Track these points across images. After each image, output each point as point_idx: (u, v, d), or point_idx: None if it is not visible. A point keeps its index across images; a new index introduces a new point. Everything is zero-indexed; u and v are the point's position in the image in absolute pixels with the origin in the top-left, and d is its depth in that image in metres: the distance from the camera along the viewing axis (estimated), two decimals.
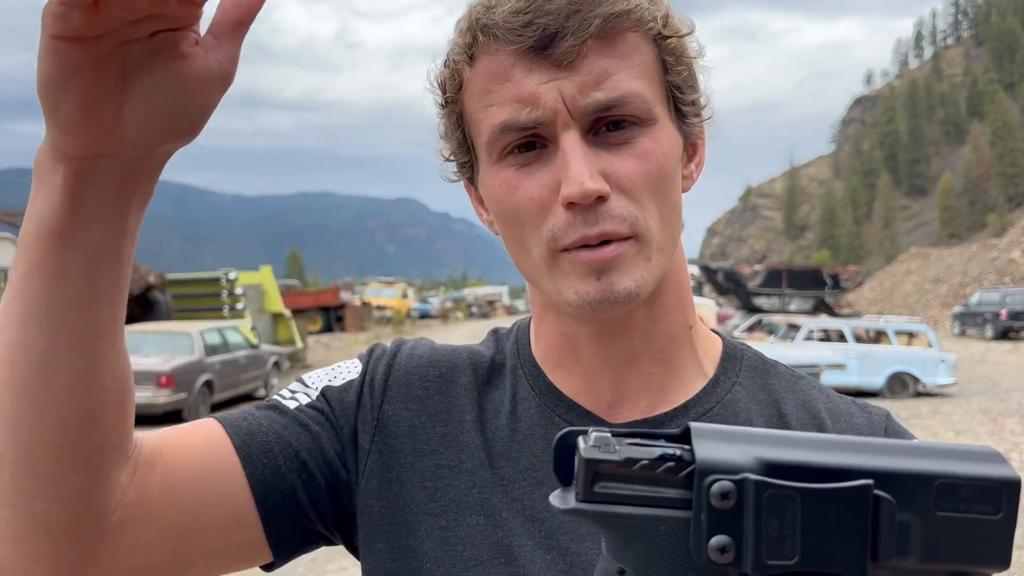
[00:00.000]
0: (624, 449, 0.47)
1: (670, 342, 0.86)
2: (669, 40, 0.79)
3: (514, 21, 0.74)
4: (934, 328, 25.83)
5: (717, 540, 0.44)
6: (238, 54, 0.61)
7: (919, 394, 16.09)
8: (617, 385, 0.85)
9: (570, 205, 0.75)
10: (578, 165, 0.74)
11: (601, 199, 0.74)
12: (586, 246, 0.76)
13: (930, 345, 16.69)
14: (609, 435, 0.47)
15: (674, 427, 0.84)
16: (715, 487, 0.44)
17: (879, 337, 17.55)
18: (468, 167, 0.85)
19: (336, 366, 0.91)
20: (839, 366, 15.23)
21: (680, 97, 0.81)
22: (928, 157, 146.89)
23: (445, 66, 0.82)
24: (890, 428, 0.86)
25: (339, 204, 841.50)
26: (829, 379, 14.11)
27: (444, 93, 0.82)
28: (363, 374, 0.88)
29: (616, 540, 0.47)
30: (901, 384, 16.12)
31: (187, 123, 0.61)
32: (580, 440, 0.48)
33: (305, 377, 0.91)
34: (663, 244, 0.79)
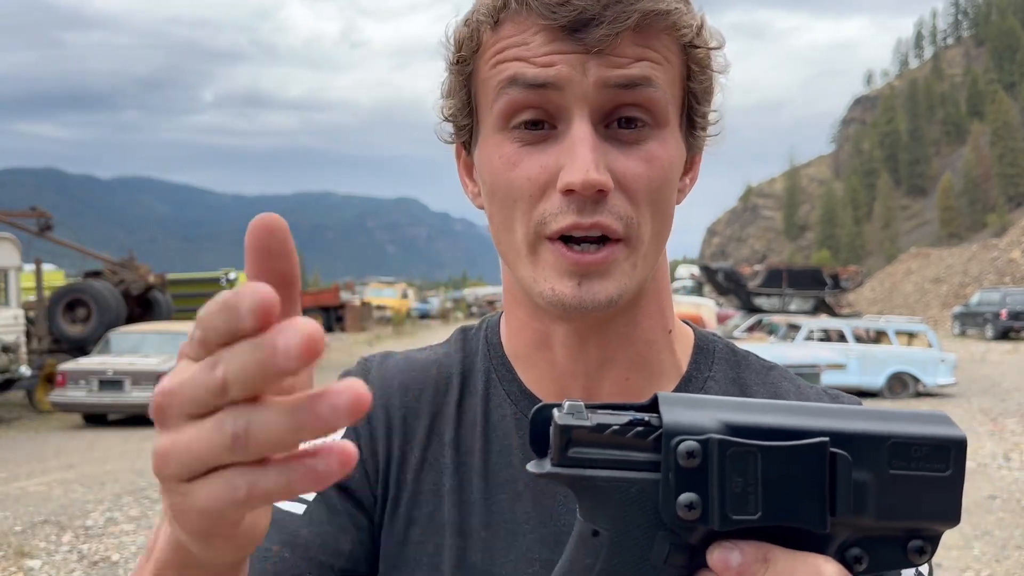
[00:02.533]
0: (596, 416, 0.49)
1: (648, 347, 0.84)
2: (698, 50, 0.78)
3: None
4: (934, 328, 25.82)
5: (684, 497, 0.46)
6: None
7: (919, 394, 16.08)
8: (590, 390, 0.83)
9: (568, 192, 0.72)
10: (585, 153, 0.71)
11: (602, 193, 0.72)
12: (570, 242, 0.74)
13: (930, 345, 16.68)
14: (582, 404, 0.49)
15: None
16: (681, 447, 0.46)
17: (879, 337, 17.54)
18: (466, 131, 0.82)
19: None
20: (839, 366, 15.23)
21: (696, 107, 0.80)
22: (928, 157, 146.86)
23: (465, 24, 0.78)
24: None
25: (339, 204, 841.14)
26: (829, 379, 14.10)
27: (459, 51, 0.79)
28: (350, 428, 0.84)
29: (590, 503, 0.49)
30: (901, 384, 16.11)
31: None
32: (555, 410, 0.50)
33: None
34: (650, 252, 0.77)
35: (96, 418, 14.18)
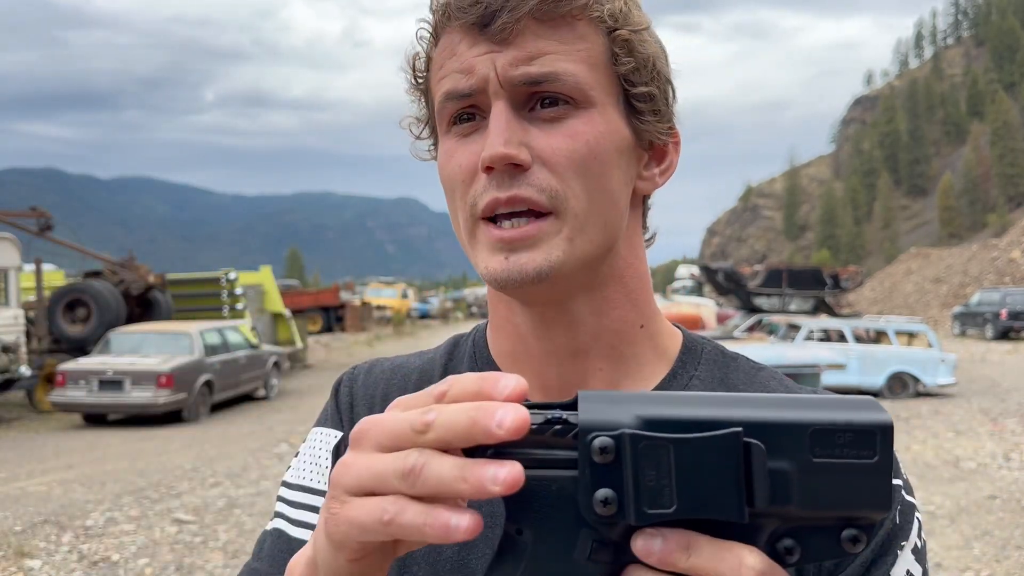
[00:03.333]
0: None
1: (619, 339, 0.85)
2: (619, 32, 0.79)
3: (464, 0, 0.77)
4: (934, 328, 25.82)
5: (600, 493, 0.46)
6: None
7: (919, 394, 16.08)
8: (564, 379, 0.85)
9: (488, 169, 0.75)
10: (498, 131, 0.75)
11: (519, 167, 0.75)
12: (500, 220, 0.76)
13: (930, 345, 16.67)
14: None
15: None
16: (595, 443, 0.46)
17: (879, 337, 17.53)
18: (435, 145, 0.86)
19: (310, 443, 0.90)
20: (839, 366, 15.23)
21: (630, 89, 0.80)
22: (928, 157, 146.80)
23: (418, 43, 0.84)
24: None
25: (339, 204, 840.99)
26: (829, 379, 14.11)
27: (415, 73, 0.85)
28: (344, 437, 0.87)
29: (513, 502, 0.49)
30: (901, 384, 16.10)
31: None
32: None
33: (290, 478, 0.89)
34: (587, 225, 0.78)
35: (96, 418, 14.18)
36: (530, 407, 0.50)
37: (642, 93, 0.81)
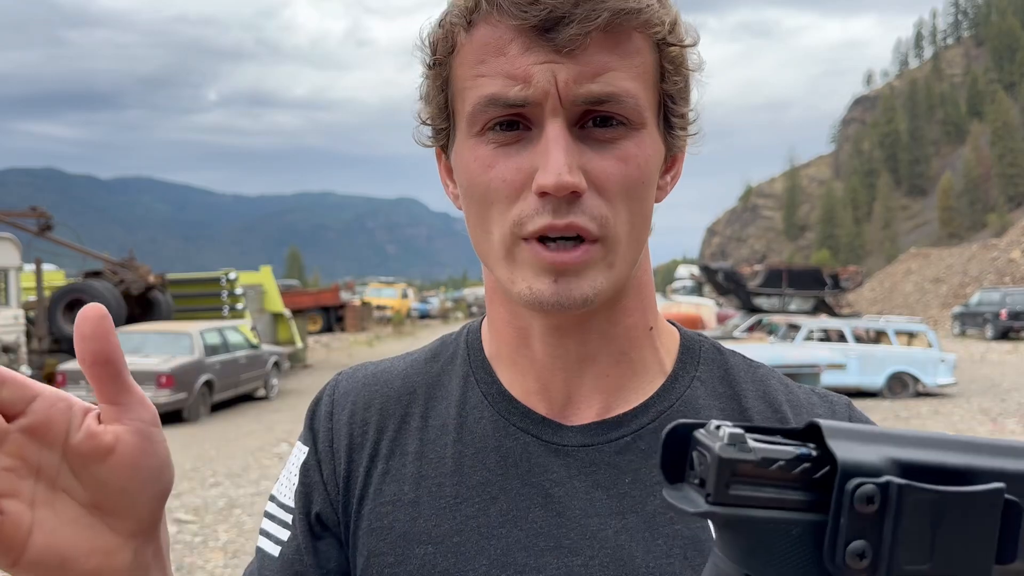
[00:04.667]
0: (758, 448, 0.45)
1: (630, 345, 0.84)
2: (672, 48, 0.77)
3: None
4: (934, 328, 25.81)
5: (856, 545, 0.43)
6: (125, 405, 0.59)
7: (919, 394, 16.08)
8: (570, 386, 0.83)
9: (543, 194, 0.72)
10: (559, 156, 0.71)
11: (575, 194, 0.72)
12: (547, 241, 0.74)
13: (930, 345, 16.68)
14: (741, 431, 0.46)
15: (632, 427, 0.82)
16: (860, 491, 0.43)
17: (879, 337, 17.54)
18: (444, 134, 0.82)
19: (291, 456, 0.91)
20: (839, 366, 15.22)
21: (672, 108, 0.79)
22: (928, 157, 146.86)
23: (440, 26, 0.78)
24: (854, 417, 0.84)
25: (339, 204, 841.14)
26: (829, 379, 14.10)
27: (434, 54, 0.79)
28: (311, 452, 0.88)
29: (742, 544, 0.46)
30: (901, 384, 16.11)
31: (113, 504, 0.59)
32: (705, 436, 0.46)
33: (275, 492, 0.90)
34: (628, 252, 0.77)
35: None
36: (756, 431, 0.46)
37: (682, 112, 0.79)
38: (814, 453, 0.45)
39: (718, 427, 0.46)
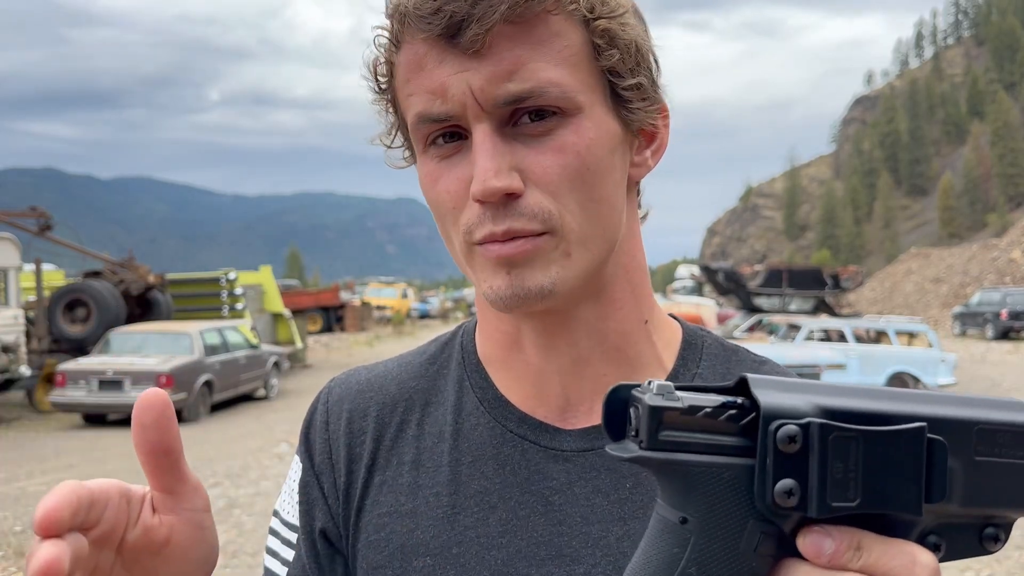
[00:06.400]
0: (686, 397, 0.47)
1: (624, 340, 0.81)
2: (598, 22, 0.72)
3: (424, 8, 0.70)
4: (934, 328, 25.80)
5: (783, 484, 0.45)
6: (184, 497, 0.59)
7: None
8: (567, 389, 0.81)
9: (480, 201, 0.71)
10: (484, 162, 0.70)
11: (512, 196, 0.71)
12: (496, 241, 0.73)
13: (930, 345, 16.67)
14: (671, 384, 0.48)
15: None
16: (781, 431, 0.45)
17: (879, 337, 17.53)
18: (410, 151, 0.82)
19: (290, 471, 0.89)
20: (839, 366, 15.21)
21: (617, 82, 0.74)
22: (928, 157, 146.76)
23: (376, 47, 0.77)
24: None
25: (339, 204, 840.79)
26: (829, 379, 14.06)
27: (376, 79, 0.78)
28: (308, 468, 0.87)
29: (678, 488, 0.48)
30: (901, 384, 16.09)
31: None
32: (638, 392, 0.49)
33: (278, 507, 0.89)
34: (586, 238, 0.74)
35: (96, 418, 14.18)
36: (690, 389, 0.49)
37: (630, 85, 0.75)
38: (739, 401, 0.48)
39: (650, 383, 0.48)
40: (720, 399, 0.48)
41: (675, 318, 0.89)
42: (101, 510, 0.53)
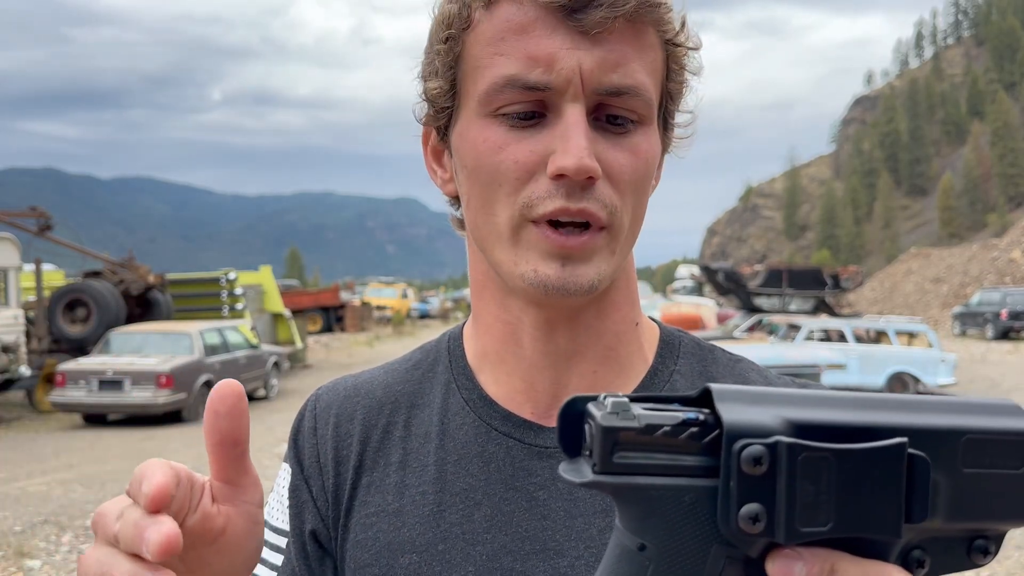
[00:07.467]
0: (643, 415, 0.44)
1: (617, 340, 0.84)
2: (679, 48, 0.78)
3: None
4: (934, 328, 25.81)
5: (748, 509, 0.42)
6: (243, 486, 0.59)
7: (919, 394, 16.06)
8: (556, 383, 0.82)
9: (559, 177, 0.72)
10: (579, 140, 0.71)
11: (591, 180, 0.73)
12: (557, 226, 0.73)
13: (930, 345, 16.68)
14: (626, 399, 0.45)
15: None
16: (746, 452, 0.42)
17: (879, 337, 17.54)
18: (446, 115, 0.80)
19: (279, 478, 0.90)
20: (839, 366, 15.20)
21: (669, 107, 0.80)
22: (928, 157, 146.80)
23: (453, 1, 0.76)
24: None
25: (339, 204, 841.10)
26: (829, 379, 14.09)
27: (447, 29, 0.77)
28: (296, 472, 0.88)
29: (635, 513, 0.45)
30: (901, 384, 16.10)
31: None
32: (593, 407, 0.45)
33: (267, 515, 0.88)
34: (627, 242, 0.79)
35: (96, 418, 14.19)
36: (647, 400, 0.46)
37: (675, 112, 0.81)
38: (701, 417, 0.44)
39: (605, 398, 0.45)
40: (681, 415, 0.44)
41: (652, 319, 0.91)
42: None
